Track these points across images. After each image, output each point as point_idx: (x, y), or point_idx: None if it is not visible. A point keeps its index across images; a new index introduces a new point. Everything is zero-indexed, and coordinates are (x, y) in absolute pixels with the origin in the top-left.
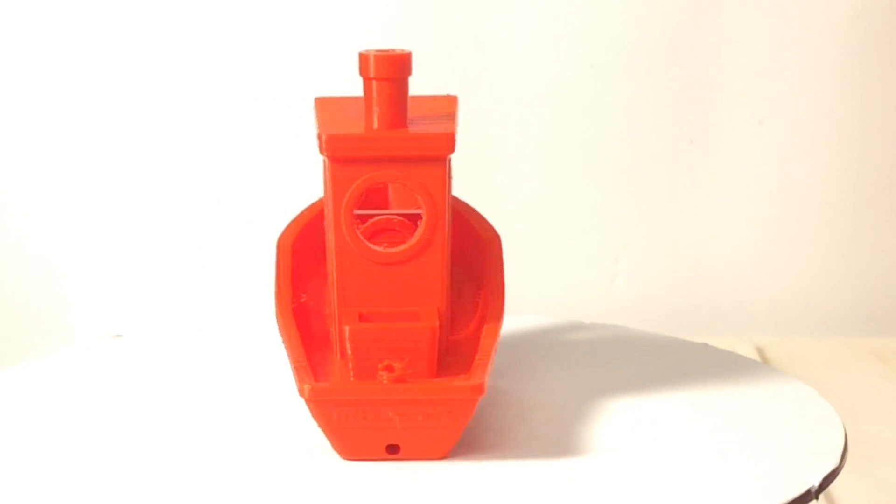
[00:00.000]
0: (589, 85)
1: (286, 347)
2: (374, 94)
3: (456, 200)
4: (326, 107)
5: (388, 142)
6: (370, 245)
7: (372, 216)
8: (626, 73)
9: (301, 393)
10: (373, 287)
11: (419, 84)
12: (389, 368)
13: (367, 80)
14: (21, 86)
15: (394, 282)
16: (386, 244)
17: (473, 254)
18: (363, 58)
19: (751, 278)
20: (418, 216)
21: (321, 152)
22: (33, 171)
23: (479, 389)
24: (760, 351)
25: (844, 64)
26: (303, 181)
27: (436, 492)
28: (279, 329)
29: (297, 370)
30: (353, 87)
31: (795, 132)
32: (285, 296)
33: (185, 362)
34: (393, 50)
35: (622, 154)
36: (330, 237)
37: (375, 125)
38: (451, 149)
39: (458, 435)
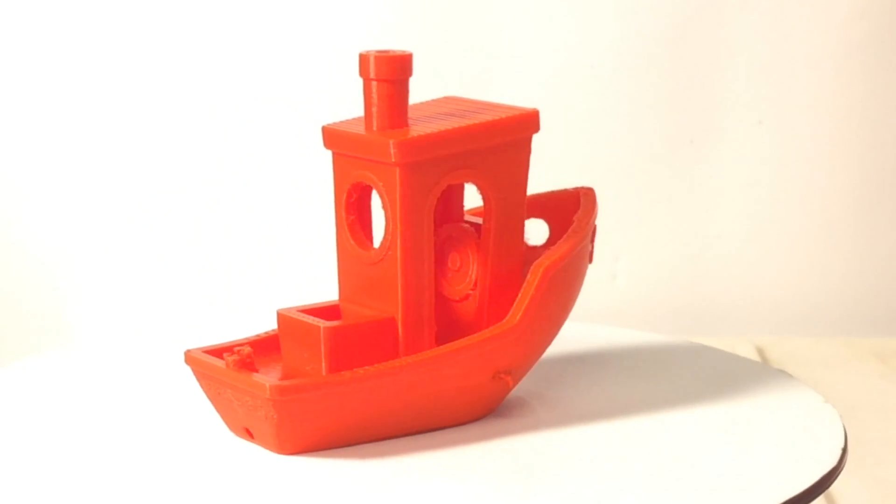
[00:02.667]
0: (589, 85)
1: None
2: (374, 95)
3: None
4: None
5: (351, 141)
6: (355, 242)
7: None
8: (626, 73)
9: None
10: (358, 283)
11: (419, 85)
12: (238, 353)
13: (366, 81)
14: (21, 86)
15: (369, 281)
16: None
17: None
18: (363, 59)
19: (751, 278)
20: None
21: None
22: (33, 171)
23: (277, 391)
24: (760, 351)
25: (844, 64)
26: (303, 181)
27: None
28: None
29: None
30: (353, 87)
31: (795, 132)
32: None
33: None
34: (393, 51)
35: (622, 154)
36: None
37: (375, 127)
38: (401, 158)
39: (292, 432)
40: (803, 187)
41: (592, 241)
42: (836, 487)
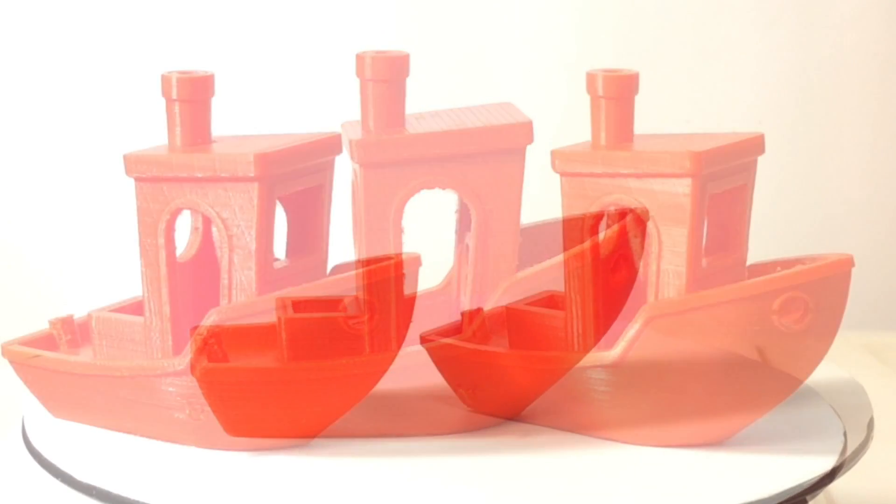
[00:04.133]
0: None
1: None
2: (370, 96)
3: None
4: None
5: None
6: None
7: None
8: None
9: None
10: None
11: (418, 85)
12: (202, 335)
13: (363, 82)
14: (21, 86)
15: None
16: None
17: None
18: (360, 59)
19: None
20: None
21: None
22: (32, 170)
23: (202, 373)
24: None
25: (844, 64)
26: None
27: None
28: None
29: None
30: (352, 87)
31: (796, 132)
32: None
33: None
34: (389, 52)
35: None
36: None
37: (371, 127)
38: (361, 158)
39: (226, 414)
40: (802, 187)
41: (621, 261)
42: (835, 487)
